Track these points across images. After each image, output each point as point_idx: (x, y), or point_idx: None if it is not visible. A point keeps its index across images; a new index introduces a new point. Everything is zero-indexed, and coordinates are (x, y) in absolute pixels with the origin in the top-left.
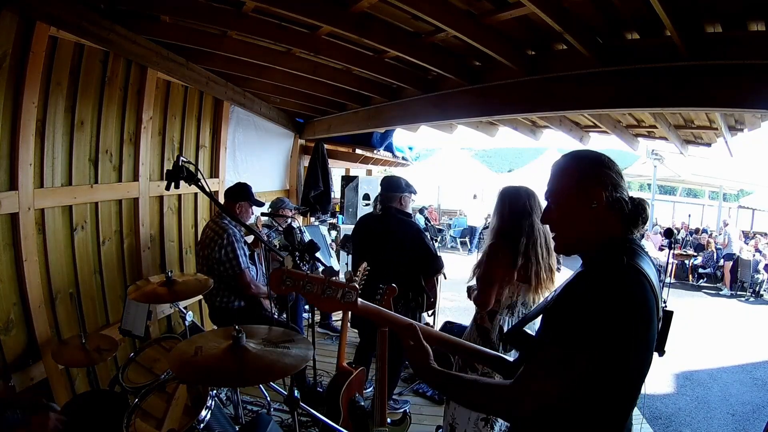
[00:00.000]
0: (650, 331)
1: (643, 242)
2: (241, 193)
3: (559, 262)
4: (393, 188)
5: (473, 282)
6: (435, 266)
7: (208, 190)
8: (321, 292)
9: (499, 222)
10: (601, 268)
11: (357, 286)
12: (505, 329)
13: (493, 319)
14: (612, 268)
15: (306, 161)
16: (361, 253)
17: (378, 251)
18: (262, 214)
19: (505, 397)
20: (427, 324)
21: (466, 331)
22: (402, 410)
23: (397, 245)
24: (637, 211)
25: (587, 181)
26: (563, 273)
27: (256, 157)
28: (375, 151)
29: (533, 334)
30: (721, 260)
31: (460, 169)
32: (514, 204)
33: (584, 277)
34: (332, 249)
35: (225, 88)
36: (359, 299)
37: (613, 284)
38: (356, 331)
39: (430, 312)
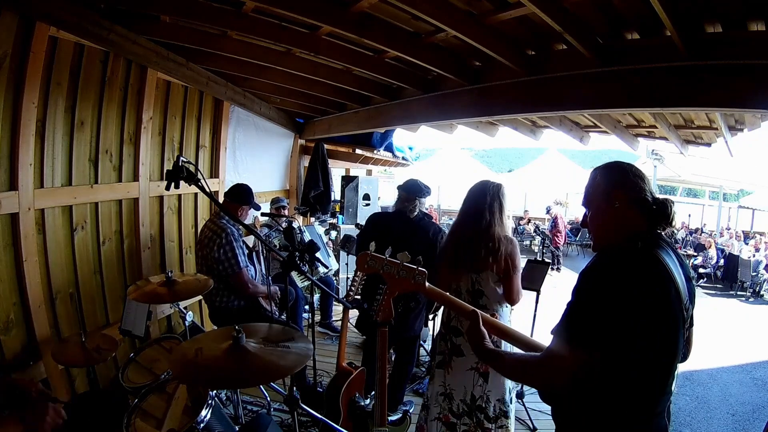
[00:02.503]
0: (657, 305)
1: None
2: (244, 196)
3: (559, 262)
4: (424, 192)
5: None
6: None
7: (208, 190)
8: (396, 273)
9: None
10: (612, 250)
11: (425, 270)
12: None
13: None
14: (621, 249)
15: (306, 161)
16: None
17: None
18: (262, 214)
19: (541, 370)
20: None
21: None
22: (402, 410)
23: (426, 246)
24: (661, 209)
25: (609, 186)
26: (564, 273)
27: (256, 157)
28: (375, 151)
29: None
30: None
31: (460, 169)
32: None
33: (595, 258)
34: (329, 248)
35: (225, 88)
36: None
37: (615, 260)
38: (356, 331)
39: (432, 315)
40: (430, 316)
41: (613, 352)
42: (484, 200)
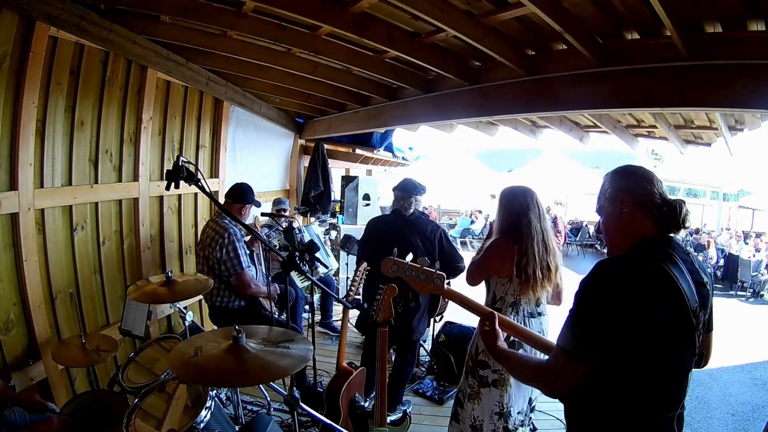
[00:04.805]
0: (656, 316)
1: None
2: (245, 195)
3: None
4: (420, 190)
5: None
6: (460, 267)
7: (208, 190)
8: (417, 277)
9: (500, 221)
10: (613, 261)
11: (443, 274)
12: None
13: None
14: (621, 260)
15: (306, 161)
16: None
17: (406, 250)
18: (262, 214)
19: (541, 375)
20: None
21: (474, 333)
22: (402, 410)
23: (425, 243)
24: (669, 212)
25: (616, 191)
26: (563, 273)
27: (256, 157)
28: (375, 151)
29: None
30: None
31: (460, 169)
32: (511, 203)
33: (595, 267)
34: (327, 246)
35: (225, 88)
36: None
37: (615, 271)
38: (356, 331)
39: (438, 317)
40: (437, 318)
41: (612, 364)
42: (532, 201)
